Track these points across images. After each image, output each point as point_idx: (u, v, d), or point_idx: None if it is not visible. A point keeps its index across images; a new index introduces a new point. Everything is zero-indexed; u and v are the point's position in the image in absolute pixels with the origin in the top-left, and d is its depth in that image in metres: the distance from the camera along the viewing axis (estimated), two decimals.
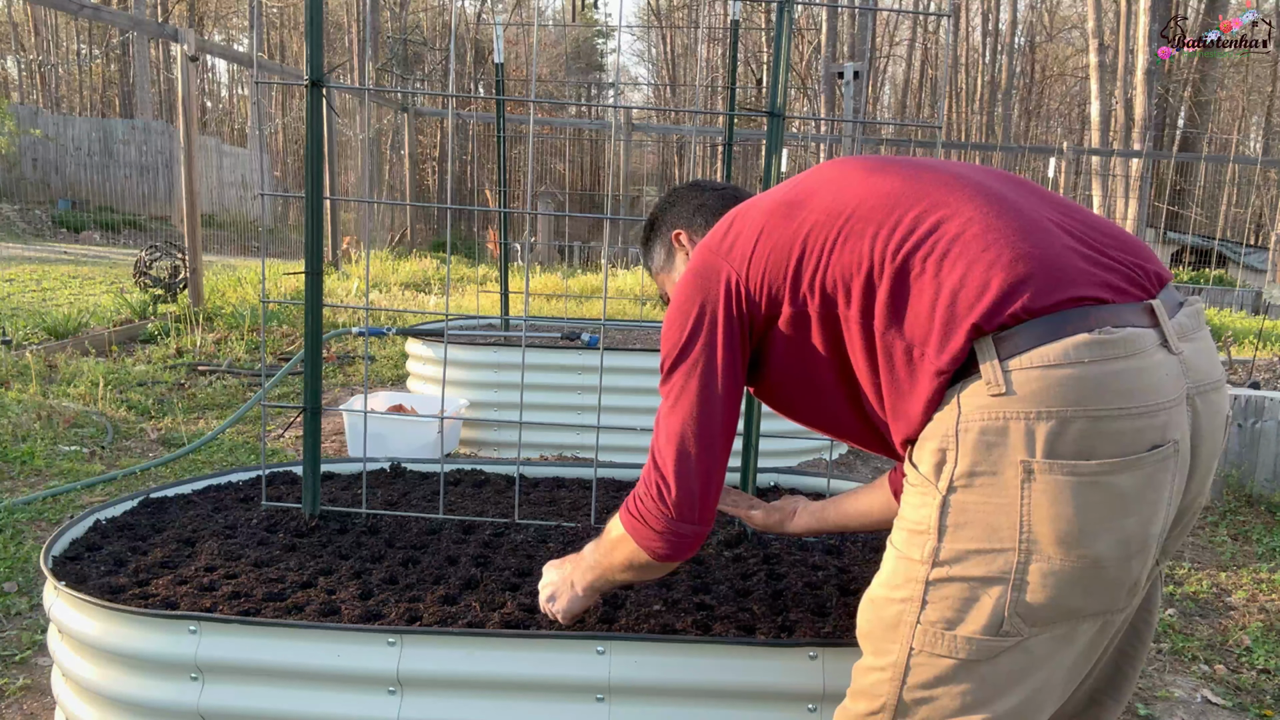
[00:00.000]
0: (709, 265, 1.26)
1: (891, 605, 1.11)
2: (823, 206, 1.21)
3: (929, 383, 1.08)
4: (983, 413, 1.04)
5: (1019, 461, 1.01)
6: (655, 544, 1.27)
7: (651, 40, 34.94)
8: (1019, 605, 1.04)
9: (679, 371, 1.25)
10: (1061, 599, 1.04)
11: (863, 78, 10.49)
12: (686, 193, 1.56)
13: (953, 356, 1.06)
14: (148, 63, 21.56)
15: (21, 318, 6.17)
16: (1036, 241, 1.10)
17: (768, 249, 1.22)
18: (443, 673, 1.48)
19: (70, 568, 1.73)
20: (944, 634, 1.07)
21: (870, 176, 1.23)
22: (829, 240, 1.18)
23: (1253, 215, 20.87)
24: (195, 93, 7.31)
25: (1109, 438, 1.01)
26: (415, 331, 4.47)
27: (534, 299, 8.79)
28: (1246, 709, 2.30)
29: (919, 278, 1.11)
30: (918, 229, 1.13)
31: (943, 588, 1.07)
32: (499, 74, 4.76)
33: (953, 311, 1.07)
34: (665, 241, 1.55)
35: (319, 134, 1.89)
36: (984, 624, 1.05)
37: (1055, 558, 1.03)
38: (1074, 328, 1.03)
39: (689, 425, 1.24)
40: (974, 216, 1.13)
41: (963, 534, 1.05)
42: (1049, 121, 33.00)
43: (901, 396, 1.13)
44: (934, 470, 1.07)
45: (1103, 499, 1.01)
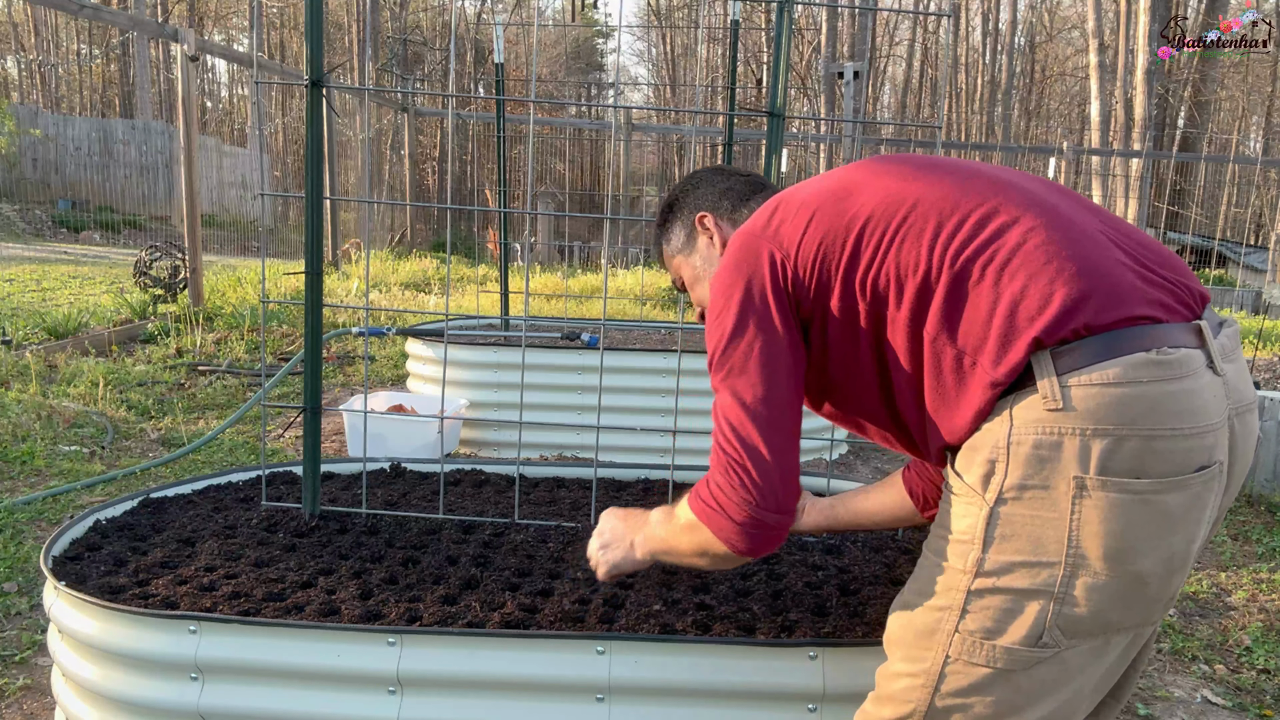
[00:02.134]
0: (752, 248, 1.23)
1: (929, 613, 1.11)
2: (878, 199, 1.19)
3: (981, 394, 1.08)
4: (1037, 426, 1.03)
5: (1072, 477, 1.02)
6: (734, 536, 1.19)
7: (651, 40, 34.94)
8: (1060, 618, 1.05)
9: (735, 355, 1.20)
10: (1102, 613, 1.06)
11: (863, 78, 10.49)
12: (710, 176, 1.52)
13: (1010, 369, 1.05)
14: (148, 63, 21.56)
15: (21, 318, 6.17)
16: (1094, 257, 1.10)
17: (819, 235, 1.19)
18: (443, 673, 1.48)
19: (70, 568, 1.73)
20: (982, 643, 1.08)
21: (924, 174, 1.21)
22: (886, 235, 1.15)
23: (1253, 215, 20.87)
24: (195, 93, 7.31)
25: (1161, 457, 1.02)
26: (415, 331, 4.47)
27: (534, 299, 8.79)
28: (1246, 709, 2.30)
29: (977, 285, 1.09)
30: (979, 235, 1.12)
31: (984, 598, 1.07)
32: (499, 74, 4.76)
33: (1012, 323, 1.06)
34: (687, 224, 1.50)
35: (319, 134, 1.89)
36: (1024, 635, 1.06)
37: (1101, 573, 1.04)
38: (1131, 346, 1.04)
39: (757, 408, 1.17)
40: (1034, 226, 1.12)
41: (1009, 545, 1.05)
42: (1049, 121, 32.99)
43: (946, 404, 1.12)
44: (982, 480, 1.06)
45: (1151, 517, 1.03)
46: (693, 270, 1.49)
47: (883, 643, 1.23)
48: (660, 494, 2.34)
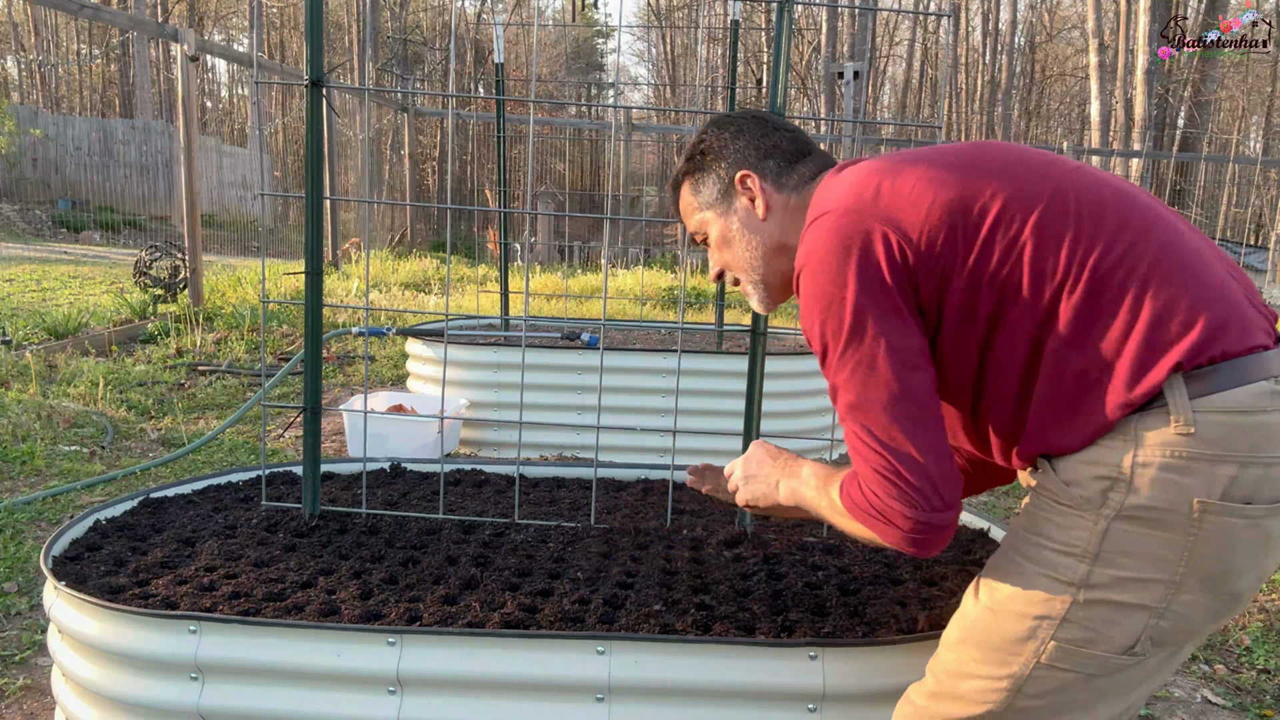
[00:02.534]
0: (862, 229, 1.13)
1: (1024, 621, 1.11)
2: (1008, 189, 1.13)
3: (1109, 412, 1.06)
4: (1167, 450, 1.03)
5: (1195, 501, 1.03)
6: (902, 542, 1.12)
7: (651, 40, 34.95)
8: (1155, 630, 1.08)
9: (861, 353, 1.11)
10: (1194, 626, 1.09)
11: (863, 78, 10.50)
12: (752, 126, 1.37)
13: (1148, 391, 1.04)
14: (148, 63, 21.56)
15: (21, 318, 6.17)
16: (1219, 281, 1.10)
17: (946, 220, 1.11)
18: (443, 673, 1.48)
19: (70, 568, 1.73)
20: (1076, 651, 1.09)
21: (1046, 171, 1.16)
22: (1022, 235, 1.10)
23: (1253, 215, 20.87)
24: (195, 93, 7.31)
25: (1271, 484, 1.05)
26: (415, 331, 4.47)
27: (534, 299, 8.79)
28: (1246, 709, 2.30)
29: (1114, 300, 1.07)
30: (1115, 247, 1.09)
31: (1087, 609, 1.08)
32: (499, 74, 4.76)
33: (1153, 343, 1.05)
34: (724, 179, 1.35)
35: (319, 134, 1.89)
36: (1118, 645, 1.08)
37: (1205, 592, 1.06)
38: (1255, 374, 1.05)
39: (898, 408, 1.10)
40: (1168, 244, 1.10)
41: (1121, 561, 1.06)
42: (1049, 121, 33.00)
43: (1059, 416, 1.10)
44: (1100, 495, 1.06)
45: (1256, 540, 1.06)
46: (726, 231, 1.37)
47: (949, 636, 1.21)
48: (660, 494, 2.34)
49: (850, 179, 1.20)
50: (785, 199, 1.33)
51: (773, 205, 1.33)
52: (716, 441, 3.91)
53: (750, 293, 1.40)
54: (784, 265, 1.35)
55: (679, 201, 1.44)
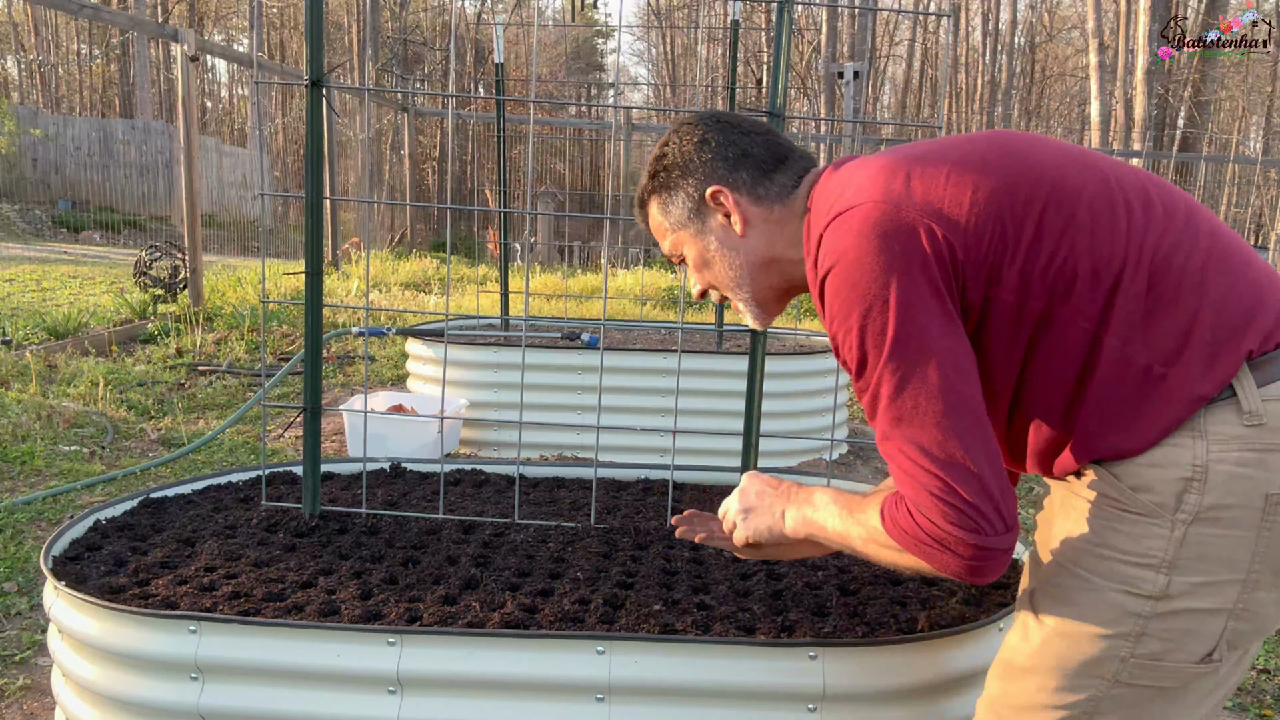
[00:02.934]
0: (900, 223, 1.02)
1: (1098, 641, 1.04)
2: (1050, 179, 1.05)
3: (1179, 408, 1.00)
4: (1239, 444, 0.99)
5: (1266, 494, 0.99)
6: (961, 570, 1.02)
7: (651, 40, 34.94)
8: (1232, 634, 1.04)
9: (907, 364, 1.01)
10: (1266, 624, 1.05)
11: (863, 78, 10.50)
12: (718, 133, 1.25)
13: (1221, 382, 1.00)
14: (148, 63, 21.56)
15: (21, 318, 6.17)
16: (1265, 266, 1.07)
17: (994, 209, 1.03)
18: (443, 673, 1.48)
19: (70, 568, 1.73)
20: (1154, 665, 1.04)
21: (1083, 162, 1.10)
22: (1074, 224, 1.03)
23: (1253, 215, 20.86)
24: (195, 93, 7.31)
25: None
26: (415, 331, 4.47)
27: (534, 299, 8.79)
28: (1246, 709, 2.29)
29: (1175, 288, 1.02)
30: (1168, 234, 1.04)
31: (1167, 620, 1.02)
32: (499, 74, 4.76)
33: (1220, 331, 1.00)
34: (692, 197, 1.25)
35: (319, 134, 1.89)
36: (1197, 654, 1.03)
37: (1276, 586, 1.03)
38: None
39: (950, 424, 1.00)
40: (1215, 230, 1.06)
41: (1198, 567, 1.01)
42: (1049, 121, 32.99)
43: (1120, 417, 1.03)
44: (1175, 499, 1.00)
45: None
46: (703, 252, 1.27)
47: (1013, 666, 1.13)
48: (660, 494, 2.34)
49: (869, 171, 1.10)
50: (766, 210, 1.23)
51: (751, 219, 1.23)
52: (716, 441, 3.91)
53: (742, 310, 1.31)
54: (775, 279, 1.26)
55: (648, 221, 1.33)
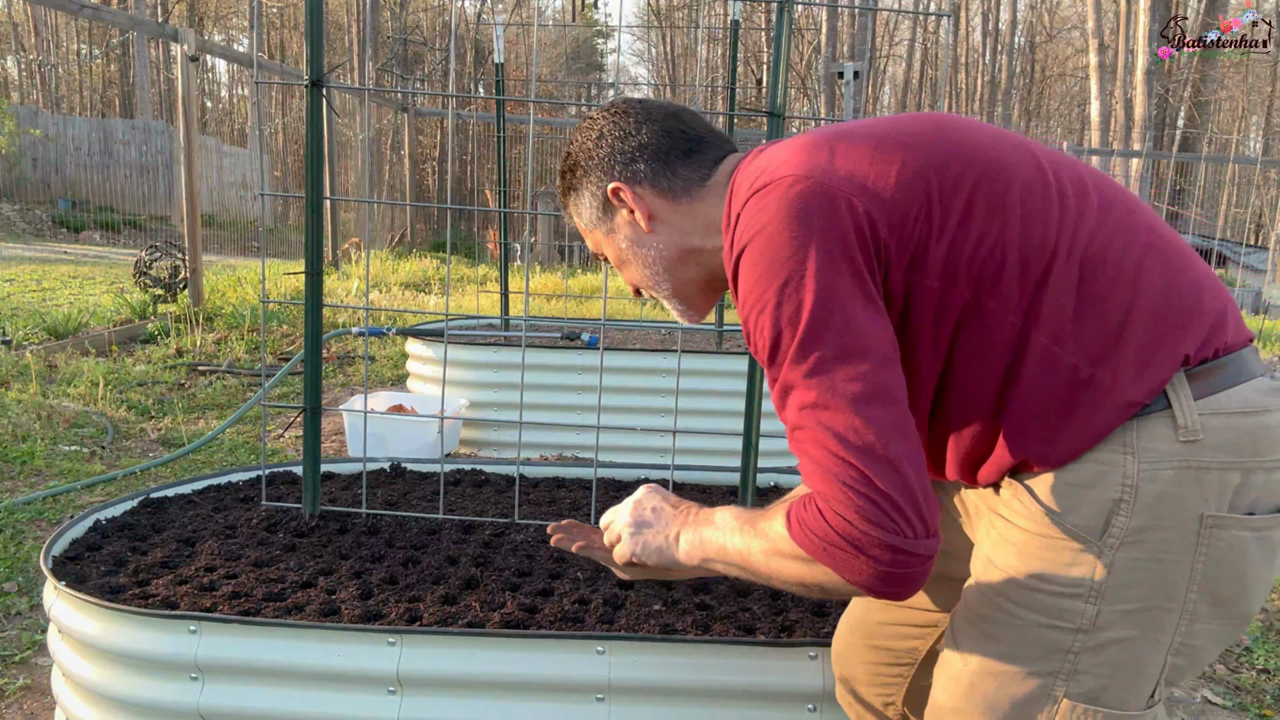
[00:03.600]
0: (821, 194, 0.93)
1: (1031, 680, 0.96)
2: (981, 161, 0.97)
3: (1108, 415, 0.91)
4: (1172, 460, 0.90)
5: (1200, 515, 0.91)
6: (873, 579, 0.89)
7: (651, 40, 34.96)
8: (1171, 671, 0.96)
9: (823, 344, 0.90)
10: (1204, 659, 0.97)
11: (863, 78, 10.50)
12: (613, 126, 1.16)
13: (1154, 387, 0.91)
14: (148, 63, 21.57)
15: (21, 318, 6.17)
16: (1207, 270, 0.98)
17: (920, 190, 0.94)
18: (443, 673, 1.48)
19: (70, 568, 1.73)
20: (1091, 709, 0.95)
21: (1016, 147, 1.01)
22: (1004, 210, 0.94)
23: (1253, 215, 20.87)
24: (195, 93, 7.31)
25: (1271, 490, 0.93)
26: (415, 331, 4.47)
27: (534, 299, 8.79)
28: (1246, 709, 2.30)
29: (1111, 284, 0.93)
30: (1103, 227, 0.95)
31: (1099, 655, 0.94)
32: (499, 74, 4.76)
33: (1155, 333, 0.92)
34: (597, 195, 1.17)
35: (319, 134, 1.90)
36: (1138, 692, 0.95)
37: (1218, 617, 0.94)
38: (1255, 370, 0.95)
39: (870, 410, 0.89)
40: (1155, 226, 0.98)
41: (1129, 594, 0.92)
42: (1049, 121, 33.00)
43: (1045, 423, 0.94)
44: (1101, 524, 0.92)
45: (1264, 554, 0.94)
46: (617, 251, 1.20)
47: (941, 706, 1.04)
48: None
49: (792, 147, 1.00)
50: (672, 203, 1.14)
51: (658, 213, 1.14)
52: (716, 441, 3.91)
53: (669, 307, 1.23)
54: (695, 272, 1.17)
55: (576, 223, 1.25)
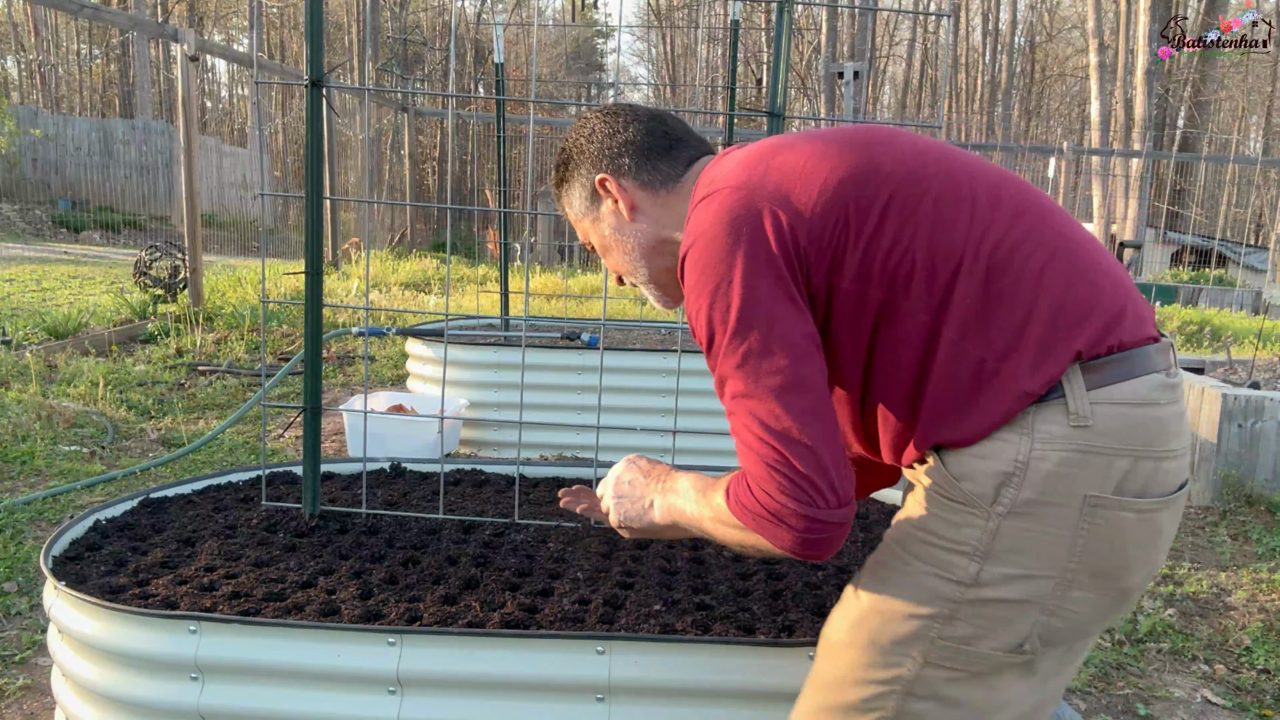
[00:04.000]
0: (751, 208, 1.06)
1: (912, 621, 1.07)
2: (900, 173, 1.08)
3: (1008, 403, 1.02)
4: (1061, 443, 1.00)
5: (1086, 495, 1.01)
6: (795, 544, 1.03)
7: (651, 40, 34.96)
8: (1045, 628, 1.05)
9: (752, 338, 1.03)
10: (1084, 623, 1.07)
11: (863, 78, 10.50)
12: (604, 126, 1.30)
13: (1048, 380, 1.01)
14: (148, 63, 21.57)
15: (21, 318, 6.17)
16: (1114, 272, 1.08)
17: (839, 202, 1.06)
18: (443, 673, 1.48)
19: (70, 568, 1.73)
20: (964, 650, 1.06)
21: (936, 156, 1.11)
22: (916, 217, 1.05)
23: (1253, 215, 20.86)
24: (195, 93, 7.31)
25: (1161, 478, 1.03)
26: (415, 331, 4.47)
27: (534, 299, 8.79)
28: (1246, 709, 2.30)
29: (1014, 286, 1.03)
30: (1012, 232, 1.05)
31: (976, 608, 1.05)
32: (499, 74, 4.76)
33: (1052, 331, 1.02)
34: (585, 186, 1.31)
35: (319, 134, 1.89)
36: (1007, 643, 1.05)
37: (1095, 588, 1.04)
38: (1148, 366, 1.03)
39: (788, 399, 1.02)
40: (1064, 232, 1.08)
41: (1011, 559, 1.03)
42: (1049, 121, 33.00)
43: (954, 409, 1.05)
44: (994, 492, 1.02)
45: (1148, 535, 1.04)
46: (601, 239, 1.33)
47: (833, 640, 1.15)
48: None
49: (739, 158, 1.15)
50: (652, 195, 1.27)
51: (639, 204, 1.27)
52: (716, 441, 3.91)
53: (645, 294, 1.36)
54: (668, 261, 1.29)
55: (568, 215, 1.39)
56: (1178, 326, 8.86)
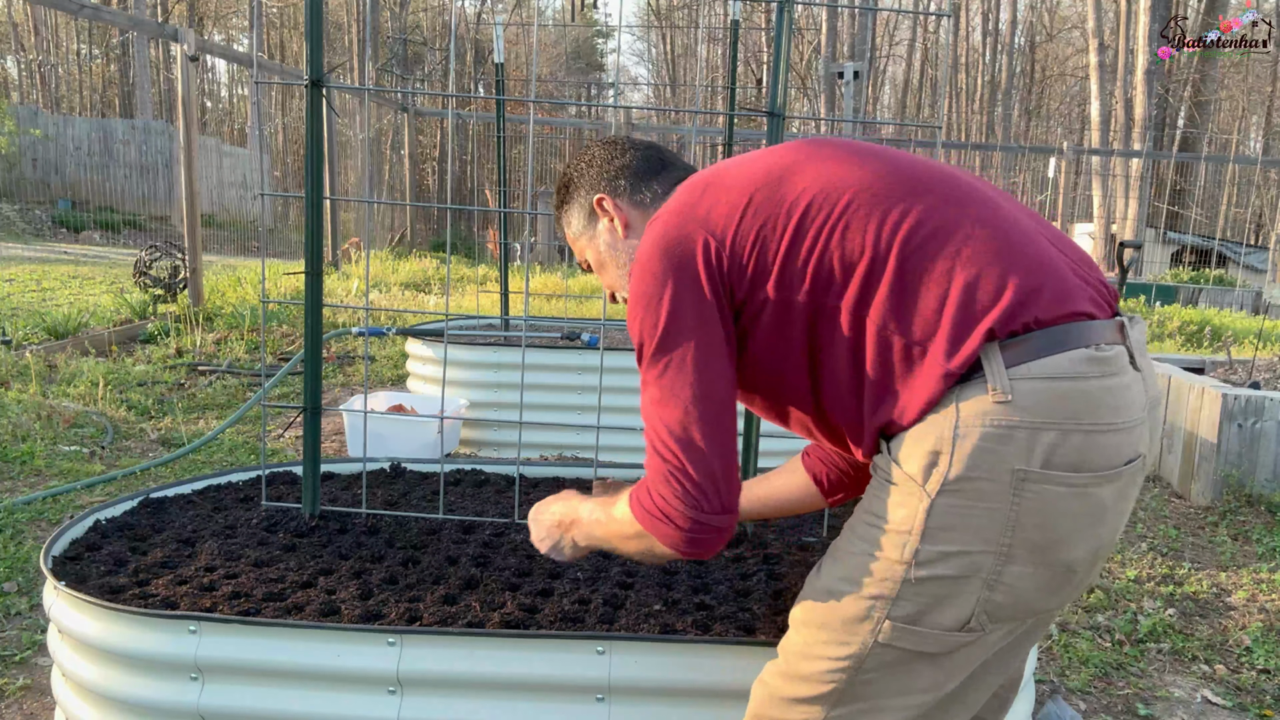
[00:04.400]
0: (683, 232, 1.17)
1: (859, 601, 1.11)
2: (819, 183, 1.16)
3: (934, 384, 1.06)
4: (984, 419, 1.03)
5: (1014, 470, 1.03)
6: (681, 542, 1.16)
7: (651, 40, 34.96)
8: (989, 604, 1.07)
9: (671, 351, 1.16)
10: (1029, 599, 1.09)
11: (863, 78, 10.50)
12: (604, 153, 1.44)
13: (965, 359, 1.05)
14: (148, 63, 21.56)
15: (21, 318, 6.17)
16: (1039, 252, 1.12)
17: (757, 220, 1.15)
18: (443, 673, 1.48)
19: (70, 568, 1.73)
20: (910, 629, 1.09)
21: (863, 159, 1.19)
22: (829, 221, 1.13)
23: (1253, 215, 20.87)
24: (195, 93, 7.31)
25: (1098, 451, 1.05)
26: (415, 331, 4.47)
27: (534, 299, 8.80)
28: (1246, 709, 2.30)
29: (927, 273, 1.08)
30: (927, 223, 1.11)
31: (919, 586, 1.08)
32: (499, 74, 4.76)
33: (966, 313, 1.06)
34: (584, 206, 1.43)
35: (319, 134, 1.89)
36: (953, 621, 1.08)
37: (1034, 563, 1.06)
38: (1074, 341, 1.06)
39: (694, 409, 1.14)
40: (981, 218, 1.12)
41: (947, 536, 1.06)
42: (1049, 121, 33.00)
43: (891, 394, 1.10)
44: (924, 471, 1.06)
45: (1086, 509, 1.06)
46: (597, 255, 1.43)
47: (795, 616, 1.22)
48: None
49: (686, 185, 1.25)
50: (643, 214, 1.38)
51: (632, 223, 1.38)
52: None
53: None
54: None
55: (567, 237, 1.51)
56: (1178, 326, 8.85)
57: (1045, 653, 2.51)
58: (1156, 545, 3.37)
